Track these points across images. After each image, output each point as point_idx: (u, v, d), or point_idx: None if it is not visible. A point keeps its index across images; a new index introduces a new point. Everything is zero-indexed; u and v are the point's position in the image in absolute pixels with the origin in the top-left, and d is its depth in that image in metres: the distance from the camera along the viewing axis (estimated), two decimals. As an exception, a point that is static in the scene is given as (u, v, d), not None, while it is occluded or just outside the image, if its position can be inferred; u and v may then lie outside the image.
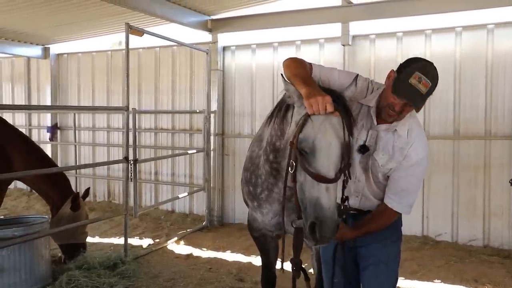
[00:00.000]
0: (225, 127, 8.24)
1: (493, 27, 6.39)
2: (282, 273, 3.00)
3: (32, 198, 9.88)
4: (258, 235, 3.41)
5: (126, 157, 5.88)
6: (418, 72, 2.23)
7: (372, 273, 2.67)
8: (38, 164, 5.22)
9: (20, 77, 10.88)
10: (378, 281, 2.67)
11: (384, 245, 2.62)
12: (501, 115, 6.38)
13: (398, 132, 2.48)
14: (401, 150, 2.48)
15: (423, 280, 5.26)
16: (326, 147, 2.06)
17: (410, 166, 2.49)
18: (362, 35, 7.10)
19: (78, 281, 4.85)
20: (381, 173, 2.53)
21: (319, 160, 2.07)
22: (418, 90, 2.22)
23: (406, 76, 2.25)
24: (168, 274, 5.43)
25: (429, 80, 2.23)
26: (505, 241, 6.30)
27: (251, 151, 3.09)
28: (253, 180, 2.99)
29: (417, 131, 2.53)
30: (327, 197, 2.03)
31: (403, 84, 2.25)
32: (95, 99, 9.76)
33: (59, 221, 5.31)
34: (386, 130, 2.49)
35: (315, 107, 2.06)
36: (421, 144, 2.51)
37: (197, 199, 8.47)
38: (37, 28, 8.54)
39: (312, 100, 2.07)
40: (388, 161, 2.49)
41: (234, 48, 8.16)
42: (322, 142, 2.06)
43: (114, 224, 7.75)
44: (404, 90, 2.24)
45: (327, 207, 2.02)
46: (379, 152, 2.49)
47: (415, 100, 2.26)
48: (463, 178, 6.59)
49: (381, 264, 2.65)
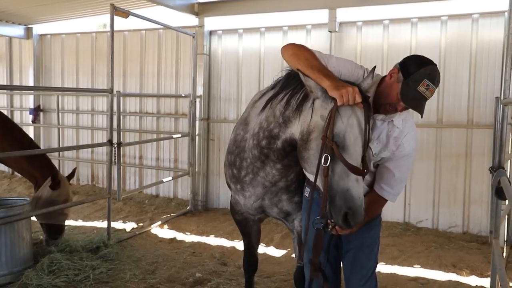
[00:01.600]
0: (210, 112, 8.20)
1: (478, 16, 6.44)
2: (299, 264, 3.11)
3: (13, 181, 9.76)
4: (240, 219, 3.44)
5: (110, 140, 5.84)
6: (426, 80, 2.29)
7: (354, 256, 2.73)
8: (18, 145, 5.15)
9: (2, 57, 10.64)
10: (360, 264, 2.73)
11: (367, 228, 2.65)
12: (484, 104, 6.46)
13: (393, 122, 2.53)
14: (395, 140, 2.52)
15: (403, 266, 5.36)
16: (354, 140, 2.14)
17: (403, 156, 2.54)
18: (349, 22, 7.10)
19: (60, 264, 4.82)
20: (373, 161, 2.56)
21: (349, 153, 2.12)
22: (425, 97, 2.31)
23: (415, 84, 2.29)
24: (151, 258, 5.44)
25: (435, 86, 2.32)
26: (484, 228, 6.43)
27: (235, 134, 3.09)
28: (237, 163, 3.01)
29: (410, 122, 2.60)
30: (357, 188, 2.10)
31: (412, 91, 2.29)
32: (79, 82, 9.61)
33: (38, 199, 5.26)
34: (382, 120, 2.53)
35: (345, 98, 2.10)
36: (413, 135, 2.59)
37: (182, 184, 8.45)
38: (19, 7, 8.34)
39: (343, 91, 2.10)
40: (382, 150, 2.53)
41: (220, 32, 8.09)
42: (351, 135, 2.13)
43: (97, 207, 7.72)
44: (413, 98, 2.30)
45: (357, 197, 2.10)
46: (373, 140, 2.51)
47: (422, 106, 2.34)
48: (445, 166, 6.69)
49: (363, 247, 2.71)
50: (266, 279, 4.87)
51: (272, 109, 2.58)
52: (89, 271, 4.79)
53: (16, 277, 4.65)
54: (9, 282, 4.60)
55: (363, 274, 2.73)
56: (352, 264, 2.74)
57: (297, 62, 2.32)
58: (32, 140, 5.68)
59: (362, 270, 2.74)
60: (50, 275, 4.65)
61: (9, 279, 4.62)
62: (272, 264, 5.36)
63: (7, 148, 5.07)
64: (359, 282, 2.73)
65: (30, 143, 5.47)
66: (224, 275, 4.95)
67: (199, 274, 4.92)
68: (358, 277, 2.74)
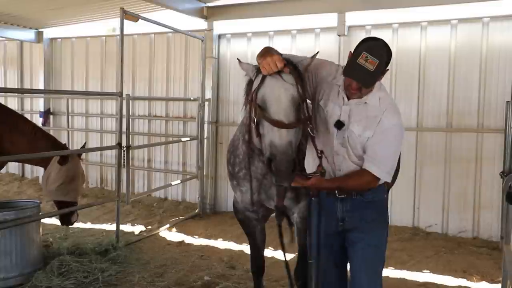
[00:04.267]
0: (219, 115, 8.22)
1: (489, 20, 6.41)
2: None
3: (24, 183, 9.85)
4: (243, 218, 3.57)
5: (119, 143, 5.87)
6: (365, 52, 2.45)
7: (361, 256, 2.73)
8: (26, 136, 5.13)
9: (13, 61, 10.77)
10: (366, 264, 2.73)
11: (372, 228, 2.70)
12: (494, 108, 6.41)
13: (368, 103, 2.64)
14: (375, 118, 2.61)
15: (413, 271, 5.31)
16: (275, 98, 2.42)
17: (383, 132, 2.59)
18: (358, 25, 7.09)
19: (69, 266, 4.87)
20: (359, 144, 2.63)
21: (271, 109, 2.42)
22: (365, 68, 2.44)
23: (356, 57, 2.47)
24: (160, 261, 5.45)
25: (375, 58, 2.44)
26: (494, 233, 6.37)
27: (234, 135, 3.40)
28: (232, 160, 3.30)
29: (389, 100, 2.71)
30: (279, 138, 2.37)
31: (352, 65, 2.48)
32: (89, 85, 9.69)
33: (48, 177, 5.18)
34: (357, 103, 2.65)
35: (267, 67, 2.40)
36: (393, 111, 2.65)
37: (190, 187, 8.47)
38: (30, 11, 8.42)
39: (264, 61, 2.41)
40: (364, 130, 2.61)
41: (229, 36, 8.12)
42: (272, 94, 2.43)
43: (106, 210, 7.74)
44: (352, 69, 2.48)
45: (279, 145, 2.36)
46: (354, 124, 2.63)
47: (362, 77, 2.47)
48: (454, 171, 6.64)
49: (370, 247, 2.72)
50: (275, 283, 4.86)
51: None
52: (98, 274, 4.83)
53: (26, 278, 4.68)
54: (19, 284, 4.63)
55: (372, 271, 2.75)
56: (358, 264, 2.75)
57: (258, 57, 2.55)
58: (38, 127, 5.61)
59: (371, 264, 2.74)
60: (59, 277, 4.69)
61: (19, 281, 4.66)
62: (281, 268, 5.28)
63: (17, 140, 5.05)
64: (368, 279, 2.74)
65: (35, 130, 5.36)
66: (232, 278, 4.94)
67: (208, 278, 4.92)
68: (366, 273, 2.74)
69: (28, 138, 5.11)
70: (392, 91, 6.92)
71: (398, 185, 5.76)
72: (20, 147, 5.03)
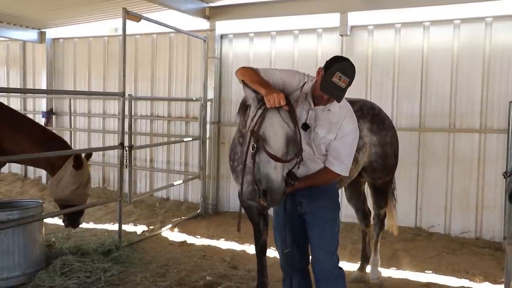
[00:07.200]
0: (221, 115, 8.23)
1: (491, 20, 6.39)
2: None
3: (26, 183, 9.87)
4: (246, 206, 3.99)
5: (121, 143, 5.88)
6: (339, 72, 2.83)
7: (318, 233, 3.18)
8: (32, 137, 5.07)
9: (16, 61, 10.79)
10: (322, 236, 3.18)
11: (326, 213, 3.18)
12: (497, 108, 6.40)
13: (331, 110, 3.08)
14: (336, 124, 3.08)
15: (415, 271, 5.30)
16: (273, 136, 2.73)
17: (343, 136, 3.09)
18: (360, 25, 7.08)
19: (72, 266, 4.87)
20: (323, 144, 3.10)
21: (270, 144, 2.72)
22: (339, 86, 2.84)
23: (330, 76, 2.85)
24: (162, 261, 5.45)
25: (347, 77, 2.84)
26: (497, 234, 6.35)
27: (235, 133, 3.77)
28: (232, 156, 3.82)
29: (347, 108, 3.17)
30: (275, 173, 2.68)
31: (327, 82, 2.86)
32: (91, 85, 9.71)
33: (59, 180, 5.11)
34: (322, 110, 3.09)
35: (271, 102, 2.72)
36: (351, 118, 3.14)
37: (192, 187, 8.48)
38: (32, 12, 8.43)
39: (270, 96, 2.72)
40: (327, 133, 3.07)
41: (231, 36, 8.12)
42: (270, 132, 2.73)
43: (108, 210, 7.76)
44: (328, 87, 2.86)
45: (275, 180, 2.68)
46: (319, 127, 3.07)
47: (337, 94, 2.89)
48: (457, 171, 6.63)
49: (325, 226, 3.19)
50: (277, 283, 4.84)
51: (239, 116, 3.32)
52: (101, 273, 4.83)
53: (28, 278, 4.69)
54: (22, 284, 4.64)
55: (328, 248, 3.17)
56: (315, 238, 3.18)
57: (244, 78, 3.01)
58: (43, 127, 5.59)
59: (327, 242, 3.18)
60: (62, 277, 4.69)
61: (22, 281, 4.66)
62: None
63: (22, 141, 5.03)
64: (326, 255, 3.16)
65: (43, 131, 5.39)
66: (234, 278, 4.94)
67: (210, 278, 4.92)
68: (324, 250, 3.16)
69: (33, 139, 5.07)
70: (394, 91, 6.92)
71: (400, 185, 5.78)
72: (24, 148, 4.99)
